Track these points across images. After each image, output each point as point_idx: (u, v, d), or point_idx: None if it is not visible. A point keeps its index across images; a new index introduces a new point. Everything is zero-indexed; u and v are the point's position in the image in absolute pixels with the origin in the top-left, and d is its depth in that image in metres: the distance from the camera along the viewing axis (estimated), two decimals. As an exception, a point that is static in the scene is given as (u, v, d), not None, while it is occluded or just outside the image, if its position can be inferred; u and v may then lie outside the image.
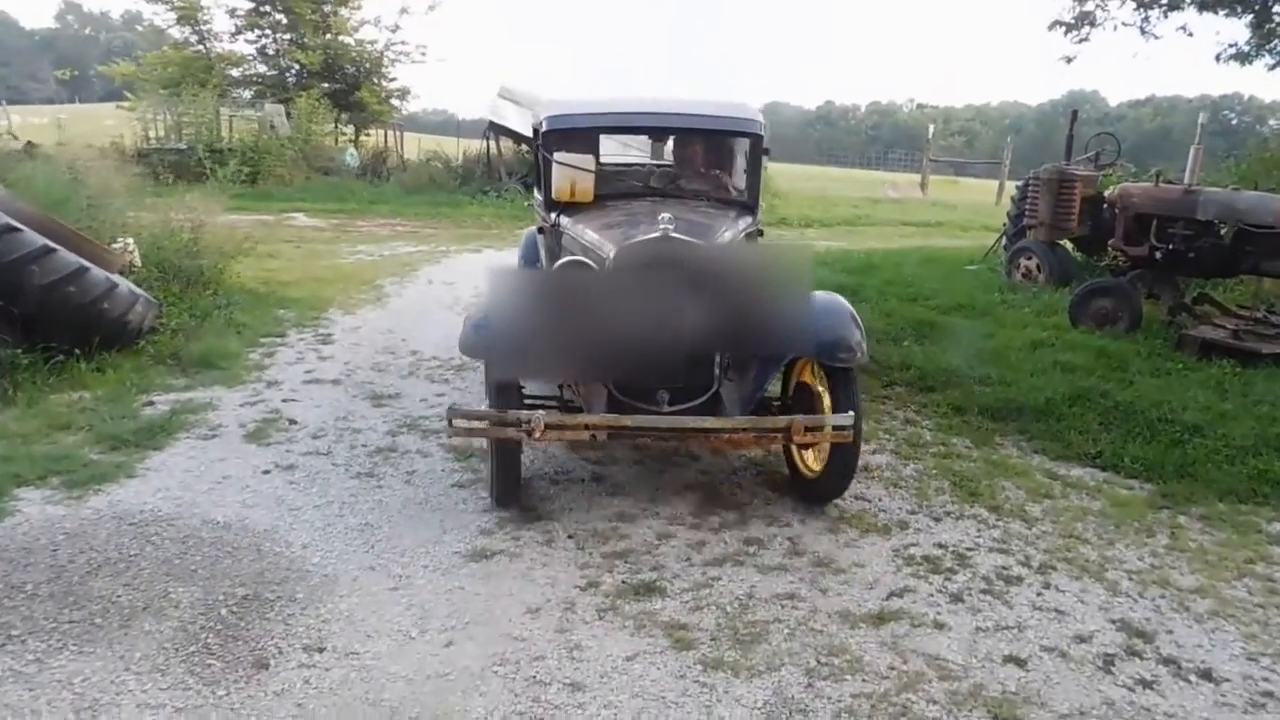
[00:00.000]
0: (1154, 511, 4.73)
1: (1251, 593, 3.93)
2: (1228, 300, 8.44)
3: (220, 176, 10.70)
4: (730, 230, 4.89)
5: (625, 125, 6.12)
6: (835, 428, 4.10)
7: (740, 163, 5.90)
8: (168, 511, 4.22)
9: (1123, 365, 6.83)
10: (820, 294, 4.64)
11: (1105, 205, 9.74)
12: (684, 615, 3.52)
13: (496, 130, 19.67)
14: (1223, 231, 7.75)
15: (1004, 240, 11.85)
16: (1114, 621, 3.62)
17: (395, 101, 24.68)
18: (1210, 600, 3.84)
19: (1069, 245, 10.34)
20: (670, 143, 6.70)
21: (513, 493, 4.43)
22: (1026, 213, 10.21)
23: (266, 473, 4.76)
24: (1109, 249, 10.19)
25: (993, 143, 62.19)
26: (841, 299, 4.59)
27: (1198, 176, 8.33)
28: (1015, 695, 3.11)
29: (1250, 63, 13.62)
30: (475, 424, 4.16)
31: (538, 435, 3.97)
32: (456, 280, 10.50)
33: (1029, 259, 9.99)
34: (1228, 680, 3.27)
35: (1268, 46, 13.39)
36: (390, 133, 23.94)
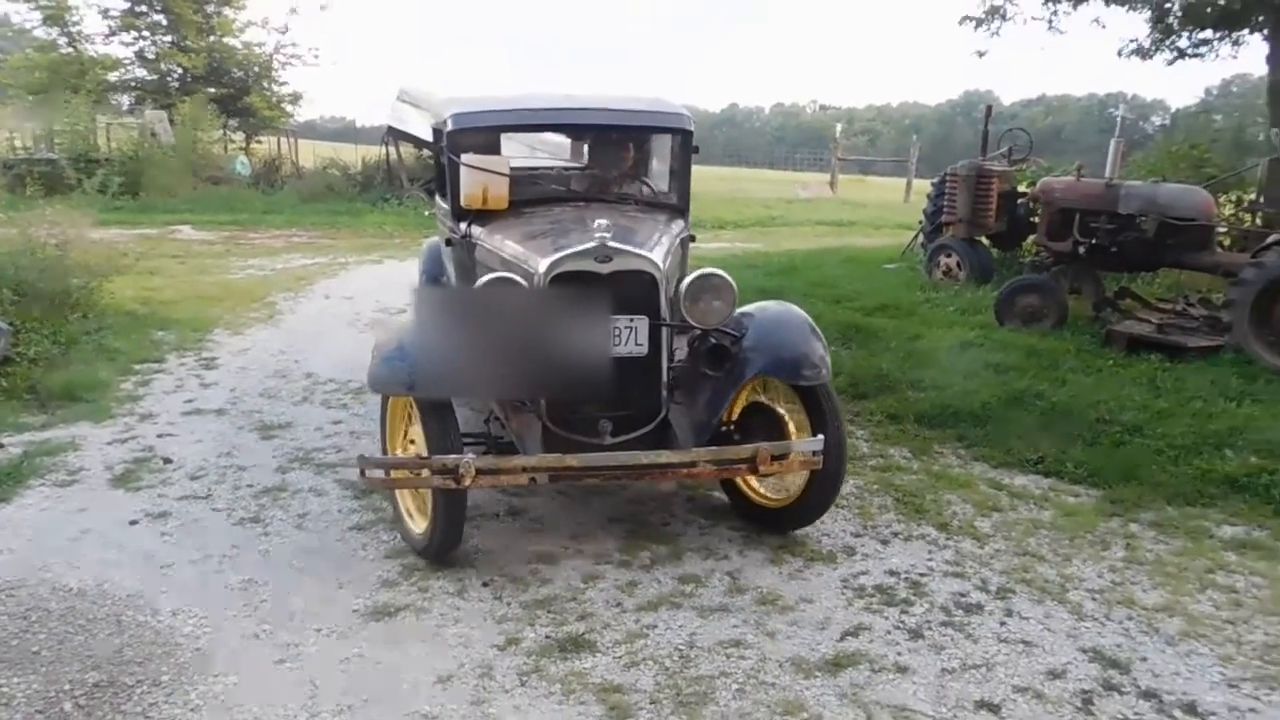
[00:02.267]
0: (1105, 520, 4.49)
1: (1218, 607, 3.69)
2: (1148, 294, 8.41)
3: (89, 188, 9.82)
4: (665, 236, 4.41)
5: (541, 123, 5.49)
6: (807, 453, 3.76)
7: (668, 162, 5.37)
8: (8, 579, 3.60)
9: (1054, 364, 6.67)
10: (771, 304, 4.28)
11: (1021, 201, 9.71)
12: (618, 674, 3.09)
13: (396, 135, 18.85)
14: (1145, 225, 7.69)
15: (921, 238, 11.76)
16: (1085, 651, 3.32)
17: (288, 107, 23.64)
18: (1179, 619, 3.57)
19: (986, 242, 10.26)
20: (587, 143, 6.05)
21: (454, 545, 3.85)
22: (944, 210, 10.09)
23: (134, 523, 4.16)
24: (1024, 245, 10.19)
25: (895, 141, 63.53)
26: (795, 309, 4.25)
27: (1116, 170, 8.27)
28: (995, 751, 2.78)
29: (1150, 57, 13.86)
30: (394, 474, 3.69)
31: (468, 482, 3.46)
32: (356, 294, 9.88)
33: (949, 256, 9.86)
34: (1214, 714, 2.99)
35: (1166, 42, 13.64)
36: (283, 139, 22.91)
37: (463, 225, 4.77)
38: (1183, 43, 14.47)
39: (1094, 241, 7.99)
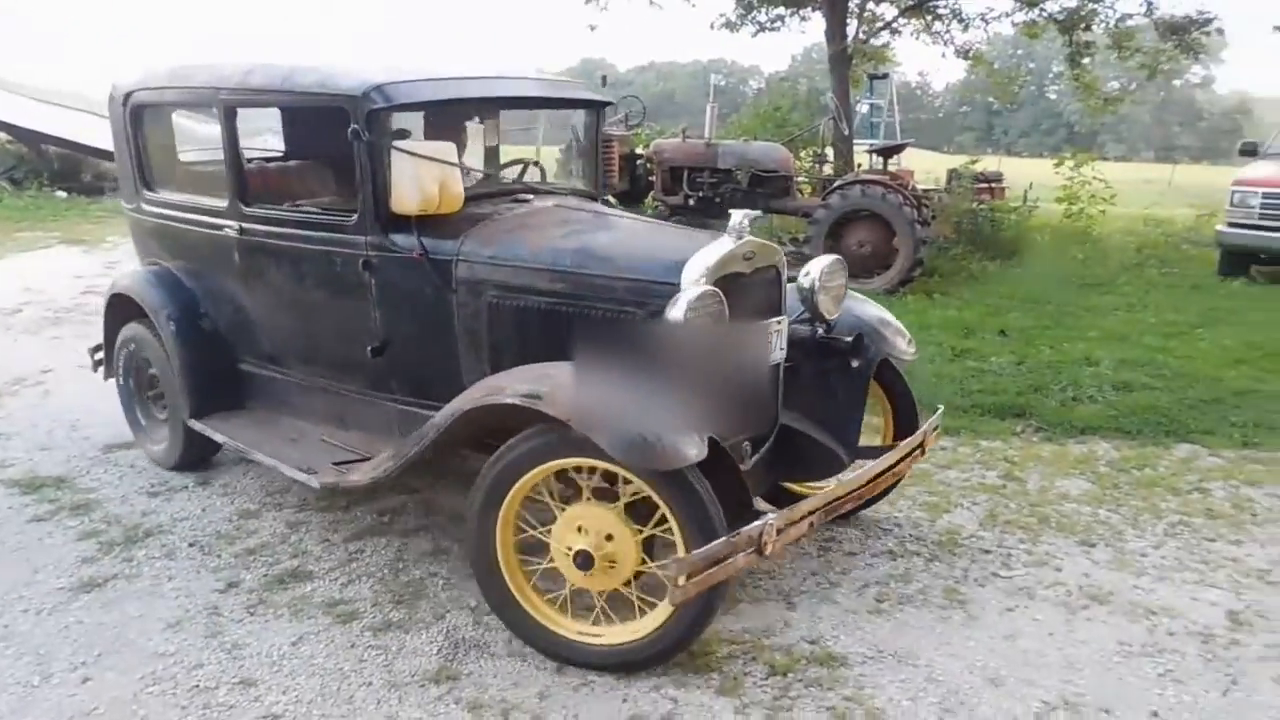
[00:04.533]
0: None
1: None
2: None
3: None
4: None
5: (474, 96, 4.17)
6: (934, 428, 3.79)
7: (584, 144, 4.66)
8: None
9: (677, 300, 7.76)
10: None
11: (640, 161, 10.88)
12: (339, 592, 3.50)
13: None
14: (739, 177, 9.08)
15: (556, 200, 12.67)
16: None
17: None
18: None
19: (614, 200, 11.36)
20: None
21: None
22: (574, 173, 11.03)
23: None
24: (646, 201, 11.43)
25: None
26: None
27: (714, 131, 9.63)
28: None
29: (737, 30, 15.92)
30: (717, 567, 2.77)
31: (769, 550, 2.87)
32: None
33: (582, 216, 10.82)
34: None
35: (749, 16, 15.74)
36: None
37: (398, 239, 3.57)
38: (762, 17, 16.76)
39: (700, 194, 9.29)
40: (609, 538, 2.95)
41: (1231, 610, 3.48)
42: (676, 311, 2.98)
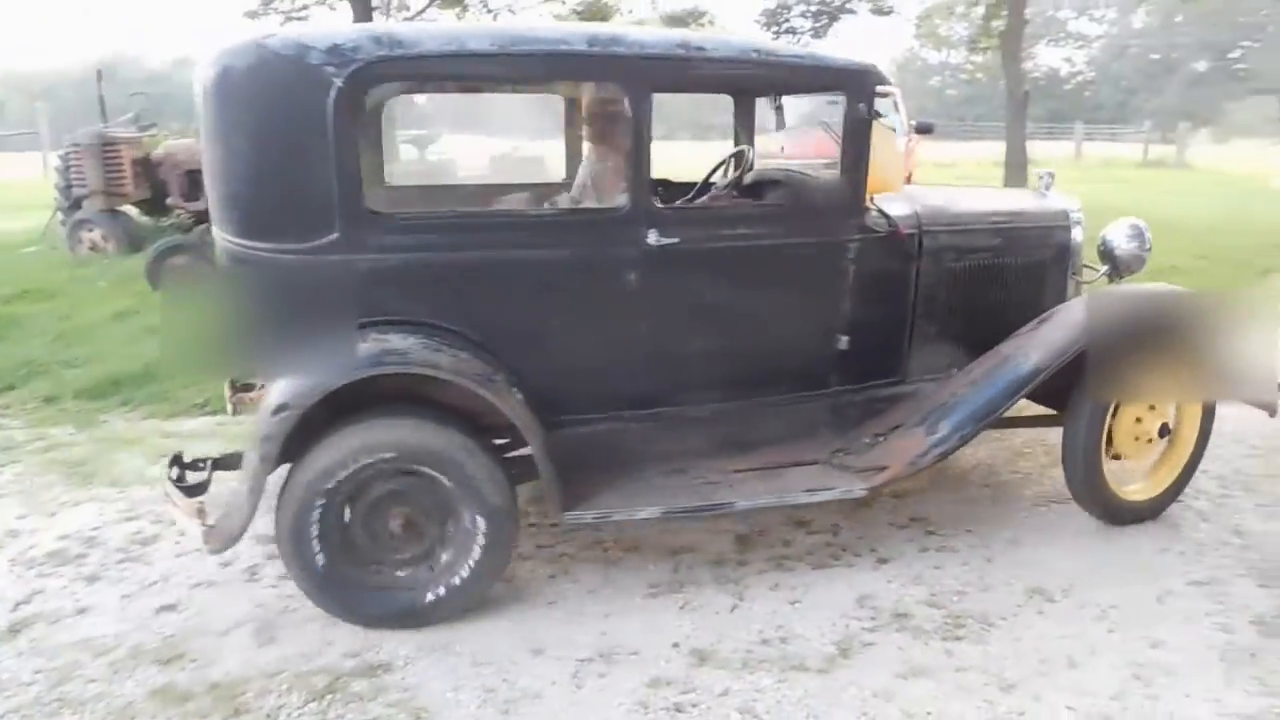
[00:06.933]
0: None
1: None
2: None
3: None
4: None
5: None
6: None
7: None
8: None
9: (210, 314, 7.14)
10: None
11: (157, 166, 9.83)
12: None
13: None
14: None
15: (59, 215, 11.08)
16: (251, 537, 3.91)
17: None
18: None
19: (134, 210, 10.18)
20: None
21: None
22: (74, 183, 9.71)
23: None
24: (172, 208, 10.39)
25: (28, 110, 56.31)
26: None
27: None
28: (175, 636, 3.20)
29: (259, 19, 14.96)
30: None
31: None
32: None
33: (91, 230, 9.58)
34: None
35: (270, 5, 14.89)
36: None
37: (870, 219, 3.63)
38: (286, 5, 15.97)
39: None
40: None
41: (739, 535, 3.93)
42: (1144, 244, 4.22)
